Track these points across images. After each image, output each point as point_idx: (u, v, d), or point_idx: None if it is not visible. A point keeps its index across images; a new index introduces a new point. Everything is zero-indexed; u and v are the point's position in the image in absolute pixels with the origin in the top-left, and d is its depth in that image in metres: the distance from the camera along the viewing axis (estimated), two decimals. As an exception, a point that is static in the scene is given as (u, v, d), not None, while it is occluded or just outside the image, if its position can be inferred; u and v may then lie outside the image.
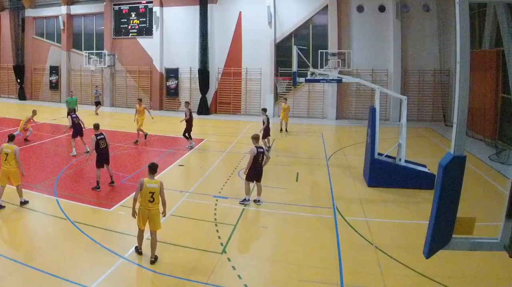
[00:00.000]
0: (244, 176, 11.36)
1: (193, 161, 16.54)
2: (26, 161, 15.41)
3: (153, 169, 8.07)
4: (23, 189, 10.79)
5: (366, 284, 7.29)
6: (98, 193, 12.06)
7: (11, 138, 10.70)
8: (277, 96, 27.33)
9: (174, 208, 10.64)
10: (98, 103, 28.80)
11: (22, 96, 36.16)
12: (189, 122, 17.54)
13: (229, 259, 8.09)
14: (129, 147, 18.15)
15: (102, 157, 12.27)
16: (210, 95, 29.68)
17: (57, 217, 10.10)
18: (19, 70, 35.84)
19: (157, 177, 8.24)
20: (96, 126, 12.50)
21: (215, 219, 10.12)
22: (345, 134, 22.87)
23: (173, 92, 30.98)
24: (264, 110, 17.72)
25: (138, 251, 8.15)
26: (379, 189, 12.53)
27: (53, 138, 19.52)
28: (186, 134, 17.60)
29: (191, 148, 17.51)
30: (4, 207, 10.35)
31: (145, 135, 18.89)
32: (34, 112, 18.85)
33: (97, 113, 27.36)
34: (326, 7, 27.07)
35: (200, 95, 29.40)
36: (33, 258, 7.84)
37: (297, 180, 13.76)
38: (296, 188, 12.90)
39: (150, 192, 7.80)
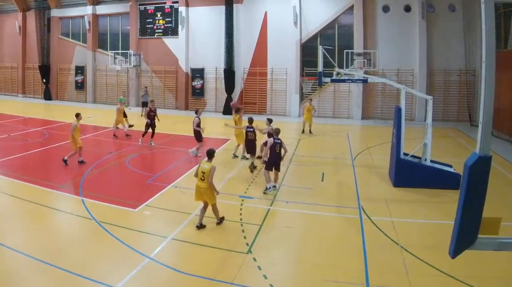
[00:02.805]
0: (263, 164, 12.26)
1: (217, 161, 16.50)
2: (51, 162, 15.96)
3: (210, 154, 9.77)
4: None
5: (391, 284, 7.32)
6: (124, 193, 12.11)
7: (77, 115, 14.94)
8: (302, 96, 27.34)
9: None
10: (145, 104, 26.65)
11: (47, 96, 36.68)
12: None
13: (254, 259, 8.10)
14: (156, 147, 18.37)
15: (249, 146, 15.02)
16: (235, 95, 29.95)
17: (82, 217, 10.17)
18: (44, 70, 36.36)
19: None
20: (250, 121, 15.26)
21: (241, 219, 10.18)
22: (370, 134, 22.75)
23: (199, 92, 31.34)
24: (269, 121, 15.85)
25: (198, 225, 9.48)
26: (404, 189, 12.52)
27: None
28: None
29: None
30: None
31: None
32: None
33: (142, 115, 25.07)
34: (352, 7, 27.02)
35: (225, 95, 29.69)
36: (59, 258, 7.87)
37: (322, 180, 13.82)
38: (321, 188, 12.95)
39: (202, 172, 9.40)
